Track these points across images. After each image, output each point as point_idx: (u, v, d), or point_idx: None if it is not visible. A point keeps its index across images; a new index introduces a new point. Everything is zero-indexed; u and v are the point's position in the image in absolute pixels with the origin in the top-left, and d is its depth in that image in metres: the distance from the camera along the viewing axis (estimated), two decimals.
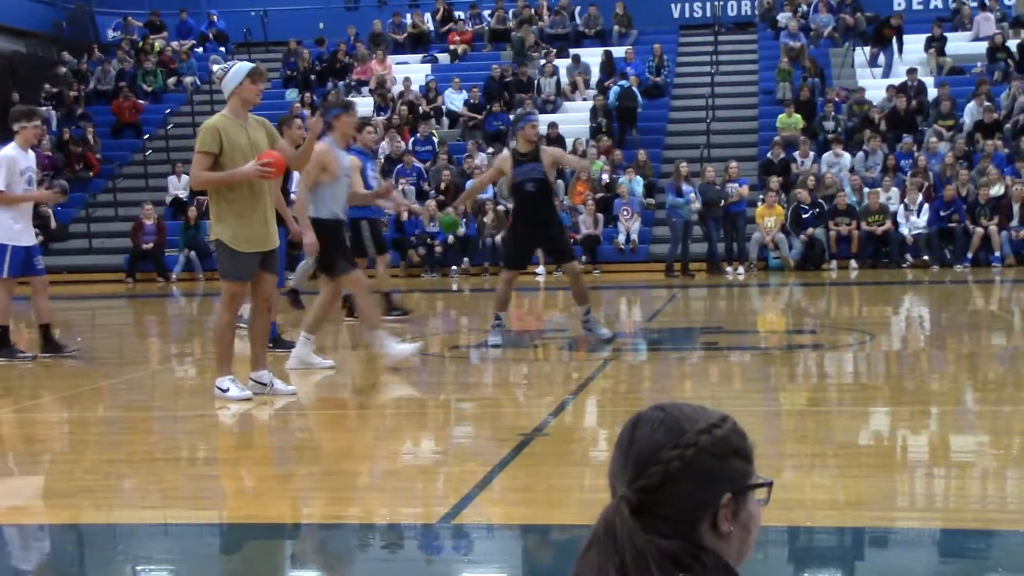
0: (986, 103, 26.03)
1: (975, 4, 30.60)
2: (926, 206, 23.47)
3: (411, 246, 24.66)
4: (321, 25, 33.32)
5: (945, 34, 29.28)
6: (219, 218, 9.27)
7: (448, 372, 11.82)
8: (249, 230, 9.23)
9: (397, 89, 29.89)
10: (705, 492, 2.13)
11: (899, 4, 32.12)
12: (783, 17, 30.62)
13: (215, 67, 10.43)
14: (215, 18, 34.15)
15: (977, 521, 5.93)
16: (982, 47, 28.89)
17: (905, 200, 23.66)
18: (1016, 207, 23.24)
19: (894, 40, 28.98)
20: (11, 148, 11.97)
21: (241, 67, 9.43)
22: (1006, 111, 26.25)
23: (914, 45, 29.20)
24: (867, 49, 29.66)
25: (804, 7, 30.91)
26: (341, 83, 30.77)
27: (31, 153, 12.31)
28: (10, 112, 12.41)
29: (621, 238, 24.67)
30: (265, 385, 9.60)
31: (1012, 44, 28.53)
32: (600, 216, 24.61)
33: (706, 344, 13.20)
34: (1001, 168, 24.15)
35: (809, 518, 5.90)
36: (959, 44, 29.45)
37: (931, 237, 23.22)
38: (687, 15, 33.26)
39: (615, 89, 27.95)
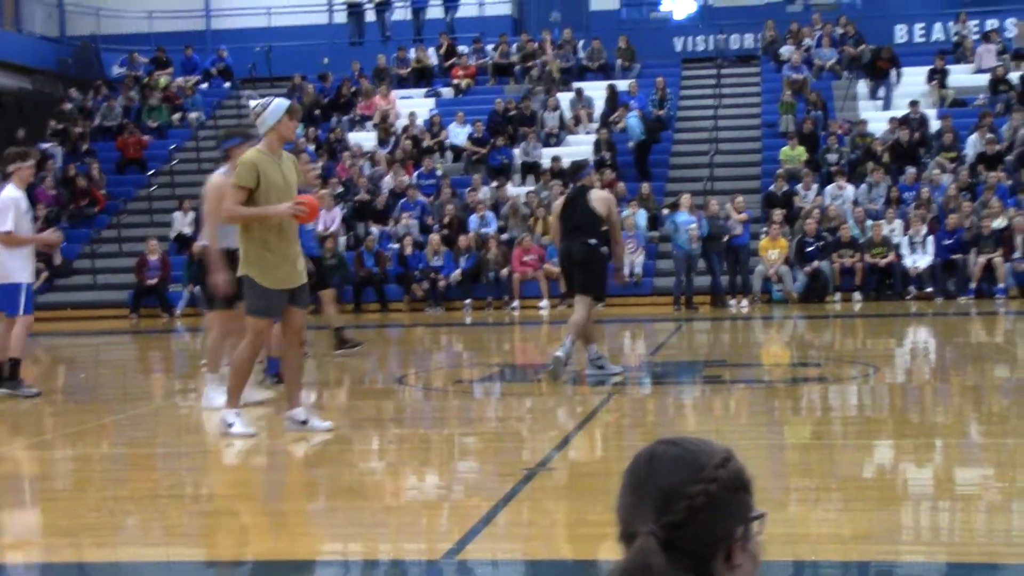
0: (988, 135, 26.08)
1: (977, 36, 30.70)
2: (930, 238, 23.48)
3: (415, 280, 24.67)
4: (325, 60, 33.44)
5: (947, 66, 29.37)
6: (248, 255, 9.26)
7: (452, 407, 11.82)
8: (278, 267, 9.22)
9: (401, 123, 29.99)
10: (725, 525, 2.16)
11: (901, 37, 32.23)
12: (786, 50, 30.70)
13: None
14: (225, 54, 34.27)
15: (982, 555, 5.92)
16: (984, 79, 28.96)
17: (909, 232, 23.68)
18: (1019, 239, 23.24)
19: (893, 72, 29.08)
20: (12, 190, 12.08)
21: (280, 103, 9.39)
22: (1008, 143, 26.29)
23: (916, 77, 29.28)
24: (869, 81, 29.75)
25: (807, 40, 31.01)
26: (345, 118, 30.87)
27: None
28: (3, 155, 12.49)
29: (625, 271, 24.62)
30: (303, 423, 9.57)
31: (1014, 76, 28.60)
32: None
33: (710, 378, 13.19)
34: (1004, 200, 24.19)
35: (814, 552, 5.89)
36: (961, 76, 29.53)
37: (935, 269, 23.22)
38: (690, 48, 33.37)
39: (634, 121, 27.84)
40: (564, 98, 30.05)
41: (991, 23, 31.10)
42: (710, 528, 2.16)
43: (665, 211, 25.33)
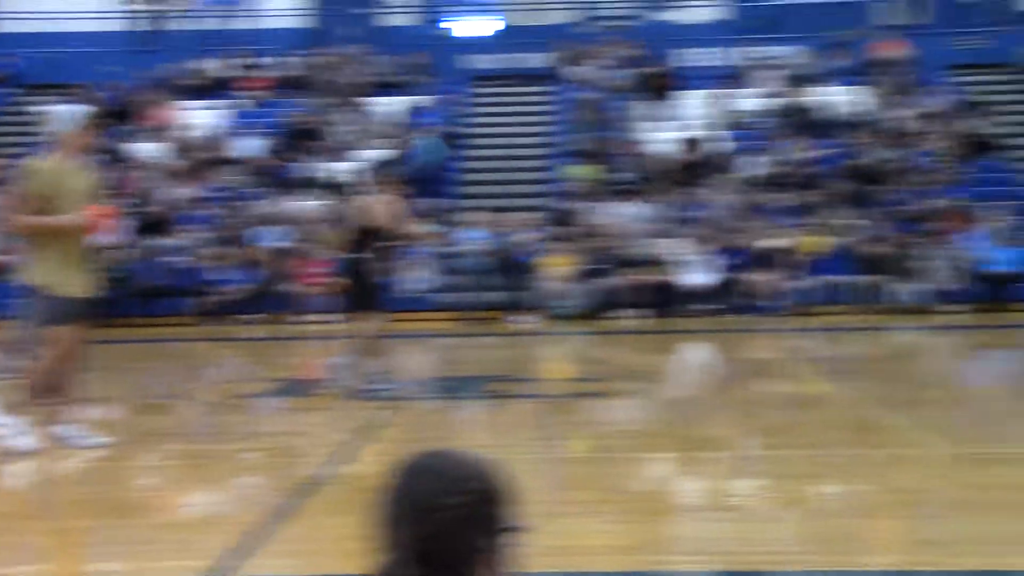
0: (770, 157, 26.88)
1: (760, 61, 31.56)
2: (712, 256, 24.03)
3: (198, 294, 24.20)
4: (113, 68, 32.62)
5: (731, 89, 30.12)
6: (41, 265, 9.02)
7: (230, 421, 11.59)
8: (74, 275, 9.05)
9: (189, 135, 29.43)
10: (485, 537, 2.14)
11: (687, 60, 32.87)
12: (577, 70, 31.13)
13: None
14: (16, 59, 33.13)
15: (751, 564, 6.03)
16: (767, 103, 29.80)
17: (692, 250, 24.19)
18: (798, 258, 23.97)
19: (675, 93, 29.78)
20: None
21: (79, 112, 9.37)
22: (790, 165, 27.09)
23: (701, 99, 29.95)
24: (655, 103, 30.33)
25: (598, 60, 31.48)
26: (130, 128, 30.14)
27: None
28: None
29: (410, 286, 24.58)
30: (72, 438, 9.27)
31: (796, 101, 29.50)
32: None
33: (493, 392, 13.21)
34: (784, 220, 24.92)
35: (590, 563, 5.92)
36: (745, 100, 30.32)
37: (717, 287, 23.75)
38: (483, 66, 33.54)
39: (426, 140, 27.90)
40: (356, 113, 29.91)
41: (775, 50, 32.01)
42: (464, 540, 2.13)
43: (453, 227, 25.40)
